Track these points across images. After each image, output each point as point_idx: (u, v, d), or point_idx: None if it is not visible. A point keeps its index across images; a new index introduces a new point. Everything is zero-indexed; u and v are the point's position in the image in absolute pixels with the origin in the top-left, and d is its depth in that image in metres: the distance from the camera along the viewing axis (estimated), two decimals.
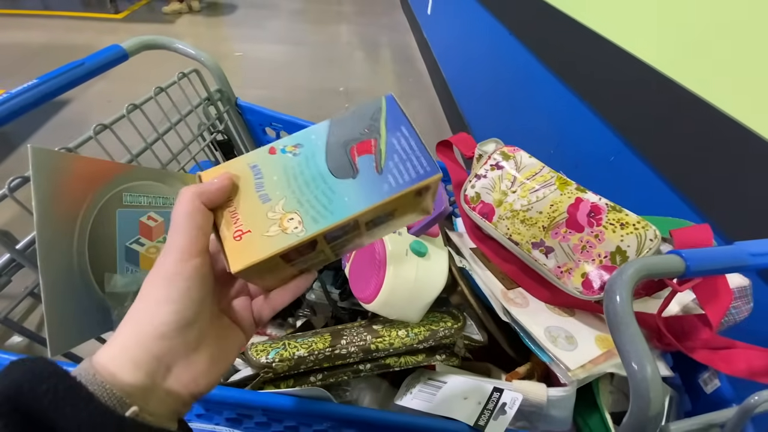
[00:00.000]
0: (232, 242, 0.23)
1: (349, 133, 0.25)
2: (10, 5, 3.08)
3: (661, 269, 0.31)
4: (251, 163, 0.25)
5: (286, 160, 0.25)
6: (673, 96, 0.64)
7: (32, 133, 1.69)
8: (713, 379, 0.45)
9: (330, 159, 0.24)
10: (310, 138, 0.25)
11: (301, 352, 0.41)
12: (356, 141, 0.25)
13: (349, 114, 0.26)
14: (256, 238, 0.23)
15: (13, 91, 0.48)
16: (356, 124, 0.25)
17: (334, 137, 0.25)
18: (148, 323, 0.20)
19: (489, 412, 0.38)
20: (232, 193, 0.24)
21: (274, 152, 0.25)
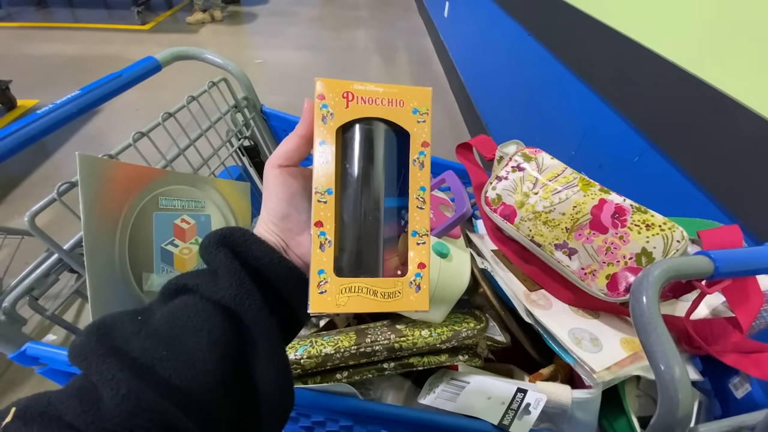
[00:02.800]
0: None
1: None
2: (41, 18, 3.24)
3: (688, 270, 0.31)
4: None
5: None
6: (699, 94, 0.63)
7: (66, 141, 1.77)
8: (744, 384, 0.44)
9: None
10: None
11: (327, 350, 0.42)
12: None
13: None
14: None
15: (58, 102, 0.51)
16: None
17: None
18: (269, 206, 0.27)
19: (513, 412, 0.38)
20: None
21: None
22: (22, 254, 1.12)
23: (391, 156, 0.27)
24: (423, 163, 0.26)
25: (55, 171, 1.59)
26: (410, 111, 0.26)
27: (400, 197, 0.26)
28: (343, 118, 0.25)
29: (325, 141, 0.25)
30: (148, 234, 0.48)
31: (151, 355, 0.20)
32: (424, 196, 0.26)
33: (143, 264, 0.47)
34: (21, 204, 1.48)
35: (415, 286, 0.25)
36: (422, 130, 0.26)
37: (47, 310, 0.44)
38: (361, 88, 0.26)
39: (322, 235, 0.24)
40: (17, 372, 0.95)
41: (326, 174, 0.25)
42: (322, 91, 0.25)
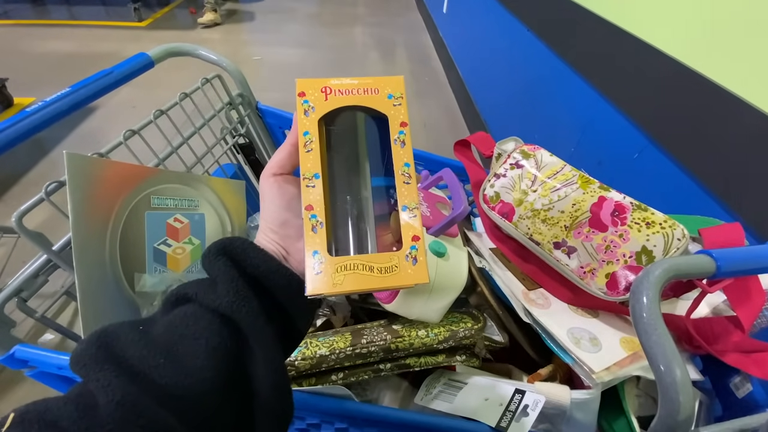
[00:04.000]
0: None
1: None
2: (38, 15, 3.22)
3: (690, 270, 0.30)
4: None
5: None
6: (699, 90, 0.62)
7: (63, 139, 1.76)
8: (745, 383, 0.43)
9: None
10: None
11: (322, 351, 0.42)
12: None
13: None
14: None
15: (48, 99, 0.50)
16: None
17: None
18: (268, 214, 0.27)
19: (511, 413, 0.38)
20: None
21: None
22: (19, 253, 1.11)
23: (373, 138, 0.28)
24: (404, 142, 0.27)
25: (52, 169, 1.58)
26: (385, 97, 0.27)
27: (386, 177, 0.27)
28: (323, 110, 0.27)
29: (308, 131, 0.26)
30: (140, 234, 0.47)
31: (148, 363, 0.21)
32: (410, 172, 0.26)
33: (135, 264, 0.46)
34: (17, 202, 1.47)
35: (411, 259, 0.25)
36: (399, 112, 0.27)
37: (36, 311, 0.43)
38: (337, 82, 0.27)
39: (313, 217, 0.25)
40: (16, 371, 0.95)
41: (312, 160, 0.26)
42: (303, 89, 0.27)
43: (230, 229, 0.59)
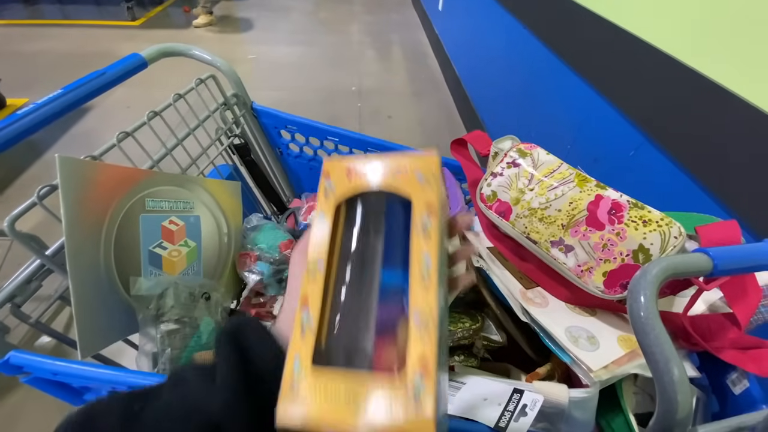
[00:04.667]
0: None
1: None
2: (30, 15, 3.19)
3: (687, 268, 0.30)
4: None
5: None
6: (695, 86, 0.62)
7: (57, 141, 1.74)
8: (742, 380, 0.43)
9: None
10: None
11: None
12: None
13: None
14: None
15: (40, 101, 0.49)
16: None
17: None
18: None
19: (510, 413, 0.38)
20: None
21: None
22: (15, 257, 1.10)
23: (395, 225, 0.24)
24: (428, 232, 0.22)
25: (46, 171, 1.57)
26: (414, 177, 0.23)
27: (404, 272, 0.22)
28: (343, 191, 0.24)
29: (323, 213, 0.23)
30: (134, 237, 0.46)
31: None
32: (430, 271, 0.21)
33: (130, 268, 0.46)
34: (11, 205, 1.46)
35: (412, 394, 0.18)
36: (426, 195, 0.23)
37: (30, 317, 0.42)
38: (364, 160, 0.24)
39: (304, 314, 0.21)
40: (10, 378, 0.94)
41: (319, 245, 0.22)
42: (328, 169, 0.24)
43: (226, 231, 0.59)
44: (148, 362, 0.46)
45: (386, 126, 1.98)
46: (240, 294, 0.64)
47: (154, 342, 0.45)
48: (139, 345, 0.47)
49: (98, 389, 0.41)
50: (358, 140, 0.74)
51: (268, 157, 0.82)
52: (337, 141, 0.76)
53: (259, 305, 0.64)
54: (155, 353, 0.46)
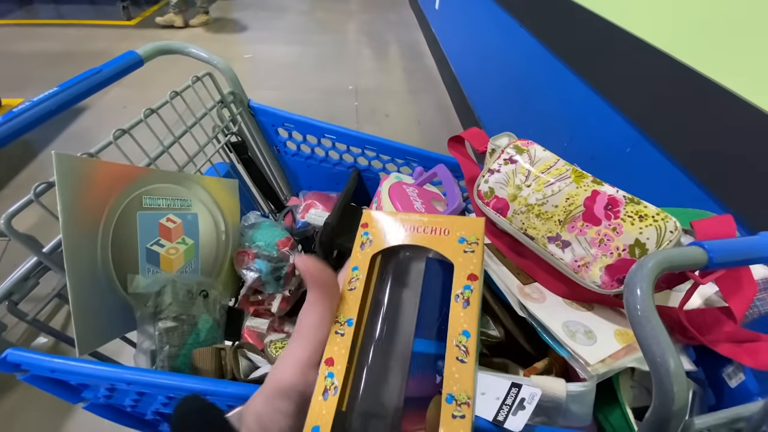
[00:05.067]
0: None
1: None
2: (25, 15, 3.17)
3: (682, 261, 0.30)
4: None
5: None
6: (690, 84, 0.63)
7: (52, 140, 1.74)
8: (738, 373, 0.44)
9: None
10: None
11: None
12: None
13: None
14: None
15: (35, 99, 0.49)
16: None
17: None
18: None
19: (508, 407, 0.38)
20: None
21: None
22: (11, 257, 1.10)
23: (430, 289, 0.22)
24: (468, 301, 0.21)
25: (41, 171, 1.56)
26: (456, 240, 0.22)
27: (438, 341, 0.21)
28: (381, 245, 0.22)
29: (358, 266, 0.22)
30: (132, 234, 0.46)
31: None
32: (468, 345, 0.19)
33: (128, 265, 0.46)
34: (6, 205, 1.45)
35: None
36: (469, 261, 0.22)
37: (28, 315, 0.42)
38: (405, 216, 0.23)
39: (329, 377, 0.19)
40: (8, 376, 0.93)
41: (349, 301, 0.21)
42: (366, 220, 0.23)
43: (224, 229, 0.59)
44: (146, 360, 0.46)
45: (383, 124, 1.98)
46: (238, 291, 0.64)
47: (152, 339, 0.45)
48: (137, 343, 0.47)
49: (96, 386, 0.40)
50: (354, 138, 0.74)
51: (265, 154, 0.82)
52: (334, 138, 0.76)
53: (257, 303, 0.64)
54: (153, 351, 0.46)
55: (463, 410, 0.18)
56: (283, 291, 0.63)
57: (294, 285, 0.64)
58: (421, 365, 0.20)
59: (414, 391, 0.19)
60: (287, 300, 0.64)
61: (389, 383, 0.20)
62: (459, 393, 0.18)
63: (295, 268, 0.64)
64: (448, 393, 0.18)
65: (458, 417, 0.18)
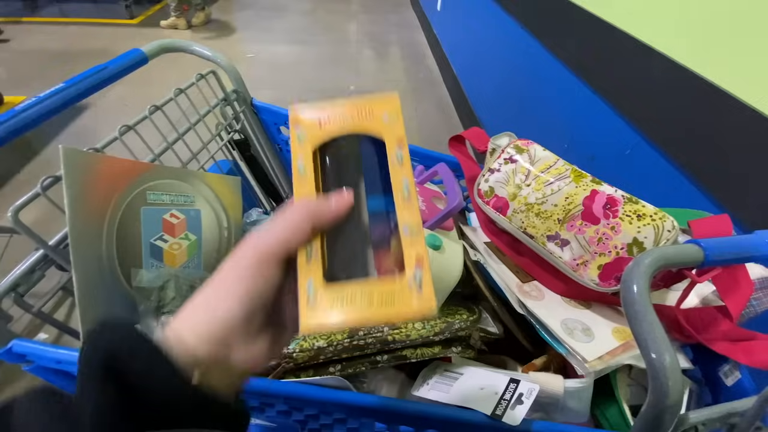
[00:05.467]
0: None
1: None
2: (29, 13, 3.18)
3: (679, 258, 0.31)
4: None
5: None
6: (690, 86, 0.63)
7: (54, 137, 1.74)
8: (734, 372, 0.44)
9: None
10: None
11: (320, 343, 0.42)
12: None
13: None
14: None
15: (40, 95, 0.50)
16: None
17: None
18: (218, 309, 0.22)
19: (506, 402, 0.39)
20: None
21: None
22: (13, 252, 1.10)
23: (370, 161, 0.27)
24: (401, 159, 0.26)
25: (43, 168, 1.57)
26: (381, 119, 0.27)
27: (385, 198, 0.25)
28: (317, 139, 0.26)
29: (302, 157, 0.26)
30: (136, 229, 0.47)
31: None
32: (409, 190, 0.25)
33: (132, 260, 0.46)
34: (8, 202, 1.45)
35: (416, 286, 0.22)
36: (394, 131, 0.26)
37: (33, 306, 0.43)
38: (330, 108, 0.27)
39: (307, 245, 0.24)
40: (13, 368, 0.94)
41: (306, 186, 0.25)
42: (295, 117, 0.27)
43: (226, 225, 0.59)
44: None
45: None
46: None
47: (155, 333, 0.45)
48: None
49: None
50: None
51: (267, 152, 0.83)
52: None
53: None
54: None
55: (416, 234, 0.24)
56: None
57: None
58: (376, 219, 0.25)
59: (377, 236, 0.25)
60: None
61: (359, 238, 0.25)
62: (411, 224, 0.24)
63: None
64: (404, 226, 0.24)
65: (415, 239, 0.24)
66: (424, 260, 0.23)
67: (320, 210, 0.24)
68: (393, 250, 0.24)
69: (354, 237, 0.25)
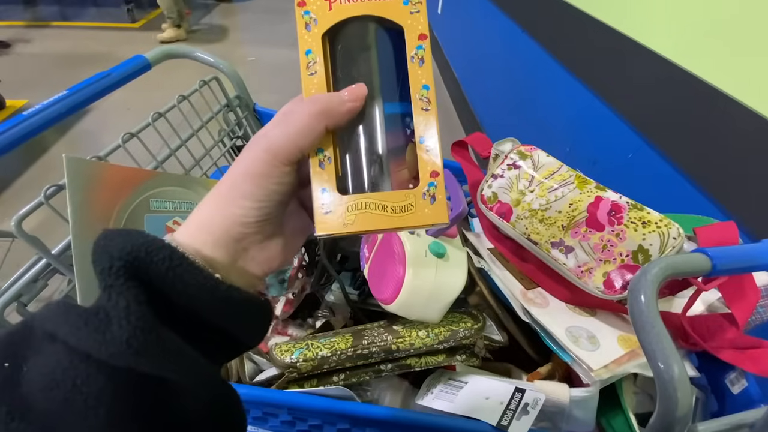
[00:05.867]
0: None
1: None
2: (30, 17, 3.19)
3: (686, 268, 0.31)
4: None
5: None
6: (692, 90, 0.63)
7: (55, 142, 1.74)
8: (740, 380, 0.44)
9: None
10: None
11: (324, 352, 0.42)
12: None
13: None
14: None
15: (45, 102, 0.50)
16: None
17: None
18: (231, 211, 0.21)
19: (512, 412, 0.38)
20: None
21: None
22: (13, 256, 1.10)
23: (386, 55, 0.23)
24: (422, 59, 0.23)
25: (46, 172, 1.57)
26: (401, 2, 0.23)
27: (402, 102, 0.23)
28: (327, 22, 0.23)
29: (311, 50, 0.23)
30: None
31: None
32: (429, 96, 0.22)
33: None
34: (10, 206, 1.46)
35: (429, 197, 0.22)
36: (417, 22, 0.23)
37: None
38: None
39: (320, 152, 0.22)
40: None
41: (316, 84, 0.23)
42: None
43: None
44: None
45: None
46: None
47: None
48: None
49: None
50: None
51: None
52: None
53: None
54: None
55: (433, 144, 0.22)
56: (287, 294, 0.63)
57: (297, 288, 0.64)
58: (392, 124, 0.23)
59: (391, 143, 0.23)
60: (291, 303, 0.64)
61: (373, 145, 0.23)
62: (427, 134, 0.22)
63: (298, 271, 0.65)
64: (420, 136, 0.22)
65: (430, 150, 0.22)
66: (439, 173, 0.22)
67: (332, 105, 0.22)
68: (408, 159, 0.23)
69: (369, 143, 0.23)
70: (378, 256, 0.51)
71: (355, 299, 0.62)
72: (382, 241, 0.51)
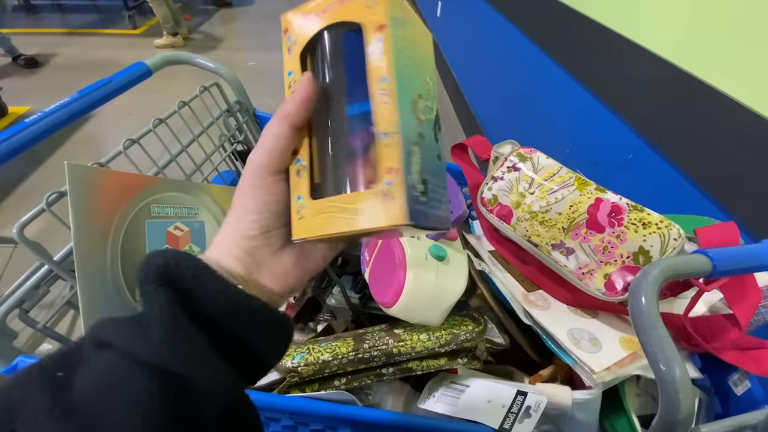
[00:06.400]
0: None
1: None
2: (32, 24, 3.22)
3: (687, 269, 0.30)
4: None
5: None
6: (692, 91, 0.63)
7: (58, 148, 1.75)
8: (743, 380, 0.44)
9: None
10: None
11: (325, 357, 0.42)
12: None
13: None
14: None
15: (47, 110, 0.50)
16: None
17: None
18: (237, 225, 0.23)
19: (514, 415, 0.38)
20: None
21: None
22: (16, 263, 1.10)
23: (351, 58, 0.23)
24: (381, 51, 0.21)
25: (48, 179, 1.58)
26: (361, 2, 0.22)
27: (367, 101, 0.22)
28: (303, 41, 0.24)
29: (292, 71, 0.24)
30: (140, 243, 0.47)
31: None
32: (387, 88, 0.21)
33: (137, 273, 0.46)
34: (13, 212, 1.47)
35: (382, 196, 0.21)
36: (375, 14, 0.22)
37: (39, 322, 0.43)
38: (313, 4, 0.24)
39: (298, 162, 0.23)
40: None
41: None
42: (286, 25, 0.25)
43: None
44: None
45: None
46: None
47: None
48: None
49: None
50: None
51: None
52: None
53: None
54: None
55: (391, 138, 0.21)
56: (288, 298, 0.63)
57: (298, 292, 0.65)
58: (356, 124, 0.23)
59: (355, 144, 0.23)
60: (292, 307, 0.64)
61: (342, 150, 0.23)
62: (387, 127, 0.21)
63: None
64: (380, 132, 0.21)
65: (388, 145, 0.21)
66: (396, 168, 0.21)
67: (288, 105, 0.23)
68: (372, 159, 0.22)
69: (333, 147, 0.23)
70: (379, 259, 0.51)
71: (356, 303, 0.62)
72: (382, 245, 0.51)
